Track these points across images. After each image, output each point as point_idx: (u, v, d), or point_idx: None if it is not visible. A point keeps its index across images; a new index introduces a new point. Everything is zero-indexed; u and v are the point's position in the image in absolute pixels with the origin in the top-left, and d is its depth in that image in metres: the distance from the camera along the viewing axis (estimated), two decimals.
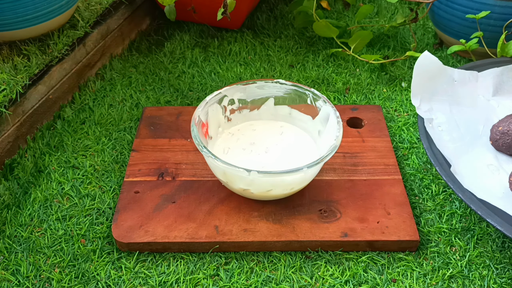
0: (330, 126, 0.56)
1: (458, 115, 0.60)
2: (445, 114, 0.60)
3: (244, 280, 0.50)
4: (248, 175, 0.49)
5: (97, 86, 0.76)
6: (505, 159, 0.56)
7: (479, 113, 0.61)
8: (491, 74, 0.64)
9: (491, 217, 0.47)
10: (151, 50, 0.85)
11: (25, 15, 0.64)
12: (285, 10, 0.95)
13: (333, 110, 0.56)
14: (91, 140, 0.66)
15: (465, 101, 0.62)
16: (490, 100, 0.63)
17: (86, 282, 0.50)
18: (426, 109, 0.59)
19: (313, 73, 0.79)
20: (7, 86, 0.62)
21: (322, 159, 0.51)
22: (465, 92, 0.62)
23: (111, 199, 0.58)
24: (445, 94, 0.61)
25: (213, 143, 0.60)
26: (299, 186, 0.54)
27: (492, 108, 0.62)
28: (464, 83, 0.63)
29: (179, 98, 0.74)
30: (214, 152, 0.58)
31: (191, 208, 0.55)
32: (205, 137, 0.58)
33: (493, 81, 0.64)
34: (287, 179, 0.51)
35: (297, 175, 0.50)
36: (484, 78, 0.64)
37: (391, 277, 0.51)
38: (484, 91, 0.63)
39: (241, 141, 0.60)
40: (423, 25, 0.90)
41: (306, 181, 0.54)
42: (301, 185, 0.54)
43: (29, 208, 0.57)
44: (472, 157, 0.56)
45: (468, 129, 0.59)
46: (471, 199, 0.49)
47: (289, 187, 0.53)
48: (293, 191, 0.55)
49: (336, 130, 0.54)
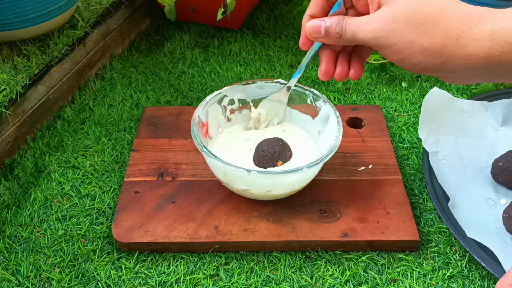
0: (330, 126, 0.56)
1: (464, 147, 0.62)
2: (450, 147, 0.61)
3: (244, 280, 0.50)
4: (248, 175, 0.49)
5: (97, 86, 0.76)
6: (504, 192, 0.57)
7: (485, 144, 0.62)
8: (501, 104, 0.65)
9: (477, 253, 0.50)
10: (151, 50, 0.85)
11: (25, 15, 0.64)
12: (285, 10, 0.95)
13: (333, 110, 0.56)
14: (91, 140, 0.66)
15: (472, 132, 0.63)
16: (498, 131, 0.64)
17: (86, 282, 0.50)
18: (432, 142, 0.61)
19: (313, 73, 0.79)
20: (7, 86, 0.62)
21: (322, 159, 0.51)
22: (473, 123, 0.64)
23: (111, 199, 0.58)
24: (453, 125, 0.63)
25: (213, 142, 0.60)
26: (299, 186, 0.54)
27: (499, 139, 0.63)
28: (473, 113, 0.64)
29: (179, 98, 0.74)
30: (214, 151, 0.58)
31: (191, 208, 0.55)
32: (205, 137, 0.58)
33: (503, 111, 0.65)
34: (287, 179, 0.51)
35: (297, 175, 0.50)
36: (494, 108, 0.65)
37: (391, 277, 0.51)
38: (492, 121, 0.64)
39: (241, 141, 0.60)
40: None
41: (306, 181, 0.54)
42: (301, 185, 0.54)
43: (29, 208, 0.57)
44: (472, 190, 0.57)
45: (472, 161, 0.60)
46: (462, 236, 0.51)
47: (289, 187, 0.53)
48: (293, 191, 0.55)
49: (336, 130, 0.54)
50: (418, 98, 0.73)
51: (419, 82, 0.76)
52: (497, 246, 0.50)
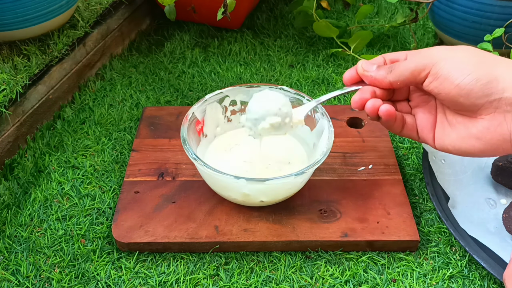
0: (322, 141, 0.55)
1: None
2: None
3: (244, 280, 0.50)
4: (238, 182, 0.49)
5: (97, 86, 0.76)
6: (504, 192, 0.57)
7: None
8: None
9: (477, 253, 0.49)
10: (151, 50, 0.85)
11: (25, 15, 0.64)
12: (285, 10, 0.95)
13: (328, 125, 0.55)
14: (91, 140, 0.66)
15: None
16: None
17: (86, 282, 0.50)
18: None
19: (313, 73, 0.79)
20: (7, 86, 0.62)
21: (310, 167, 0.50)
22: None
23: (111, 199, 0.58)
24: None
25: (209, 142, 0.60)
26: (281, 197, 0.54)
27: None
28: None
29: (179, 98, 0.74)
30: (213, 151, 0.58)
31: (191, 208, 0.55)
32: (199, 135, 0.58)
33: None
34: (275, 185, 0.50)
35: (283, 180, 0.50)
36: None
37: (391, 277, 0.51)
38: None
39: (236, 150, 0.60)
40: (423, 25, 0.90)
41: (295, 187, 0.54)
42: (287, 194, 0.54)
43: (29, 208, 0.57)
44: (472, 190, 0.57)
45: (472, 160, 0.60)
46: (462, 236, 0.51)
47: (278, 195, 0.53)
48: (281, 199, 0.54)
49: (325, 145, 0.53)
50: None
51: None
52: (497, 245, 0.50)
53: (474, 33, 0.74)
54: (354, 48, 0.80)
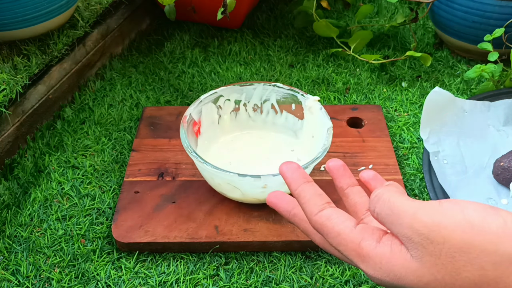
0: (320, 134, 0.56)
1: (465, 147, 0.62)
2: (451, 147, 0.61)
3: (244, 280, 0.50)
4: (233, 176, 0.49)
5: (97, 86, 0.76)
6: (505, 192, 0.57)
7: (487, 144, 0.62)
8: (503, 104, 0.65)
9: None
10: (151, 50, 0.85)
11: (25, 15, 0.64)
12: (285, 10, 0.95)
13: (323, 114, 0.56)
14: (91, 140, 0.66)
15: (474, 132, 0.63)
16: (500, 131, 0.64)
17: (86, 282, 0.50)
18: (433, 142, 0.61)
19: (313, 73, 0.79)
20: (7, 86, 0.62)
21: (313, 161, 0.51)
22: (474, 123, 0.63)
23: (111, 199, 0.58)
24: (455, 125, 0.63)
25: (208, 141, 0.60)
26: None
27: (501, 139, 0.63)
28: (475, 113, 0.64)
29: (179, 98, 0.74)
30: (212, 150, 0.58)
31: (191, 208, 0.55)
32: (196, 135, 0.58)
33: (505, 111, 0.65)
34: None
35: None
36: (496, 108, 0.65)
37: None
38: (494, 121, 0.64)
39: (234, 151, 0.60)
40: (423, 25, 0.90)
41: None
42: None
43: (29, 208, 0.57)
44: (473, 190, 0.57)
45: (473, 161, 0.60)
46: None
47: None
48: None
49: (325, 138, 0.53)
50: (418, 98, 0.73)
51: (419, 82, 0.76)
52: None
53: (474, 33, 0.74)
54: (354, 48, 0.80)
